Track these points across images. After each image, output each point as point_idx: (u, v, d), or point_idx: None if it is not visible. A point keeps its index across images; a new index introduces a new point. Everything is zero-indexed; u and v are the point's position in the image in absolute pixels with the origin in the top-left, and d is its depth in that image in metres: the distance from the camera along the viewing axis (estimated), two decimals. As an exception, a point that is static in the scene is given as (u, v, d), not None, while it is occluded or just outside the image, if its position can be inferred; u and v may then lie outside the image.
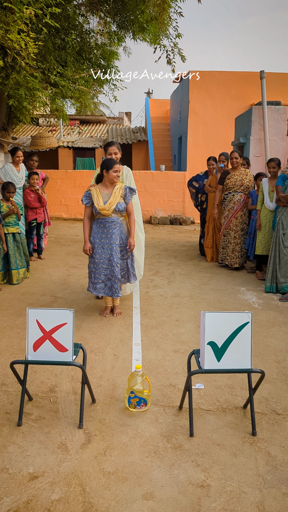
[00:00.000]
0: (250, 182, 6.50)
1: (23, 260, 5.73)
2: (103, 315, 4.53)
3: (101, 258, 4.30)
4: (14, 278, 5.60)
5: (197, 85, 12.77)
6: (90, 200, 4.29)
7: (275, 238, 5.31)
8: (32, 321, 2.61)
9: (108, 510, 2.00)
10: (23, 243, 5.75)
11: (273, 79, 12.01)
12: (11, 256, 5.55)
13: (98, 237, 4.31)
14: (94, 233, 4.33)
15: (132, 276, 4.47)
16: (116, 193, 4.24)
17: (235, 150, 6.61)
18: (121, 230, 4.33)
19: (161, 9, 7.91)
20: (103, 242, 4.29)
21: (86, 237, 4.34)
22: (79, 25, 8.50)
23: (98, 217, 4.30)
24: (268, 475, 2.24)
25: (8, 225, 5.58)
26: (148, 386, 2.89)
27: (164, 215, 12.35)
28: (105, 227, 4.28)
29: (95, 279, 4.35)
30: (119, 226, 4.30)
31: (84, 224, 4.37)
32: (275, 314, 4.67)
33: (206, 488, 2.14)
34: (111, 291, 4.35)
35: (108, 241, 4.28)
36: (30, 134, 17.48)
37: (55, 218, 12.34)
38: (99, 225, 4.31)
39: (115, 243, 4.27)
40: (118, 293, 4.33)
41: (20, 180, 6.72)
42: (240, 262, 6.61)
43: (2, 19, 5.49)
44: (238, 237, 6.55)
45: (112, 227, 4.27)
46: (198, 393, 3.03)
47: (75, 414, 2.76)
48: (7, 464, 2.28)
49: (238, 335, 2.53)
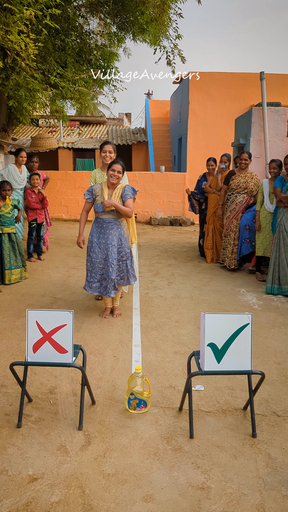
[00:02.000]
0: (255, 186, 6.45)
1: (18, 260, 5.72)
2: (103, 316, 4.53)
3: (97, 258, 4.33)
4: (6, 278, 5.60)
5: (197, 86, 12.77)
6: (91, 197, 4.35)
7: (277, 240, 5.30)
8: (32, 323, 2.60)
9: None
10: (18, 243, 5.75)
11: (273, 80, 12.02)
12: (5, 256, 5.55)
13: (96, 237, 4.35)
14: (93, 232, 4.38)
15: (132, 277, 4.47)
16: (116, 193, 4.28)
17: (245, 151, 6.57)
18: (120, 232, 4.34)
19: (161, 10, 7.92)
20: (100, 241, 4.32)
21: (81, 230, 4.47)
22: (79, 26, 8.51)
23: (97, 217, 4.35)
24: (268, 477, 2.24)
25: (3, 225, 5.57)
26: (148, 387, 2.88)
27: (164, 216, 12.35)
28: (102, 227, 4.32)
29: (91, 278, 4.39)
30: (116, 227, 4.32)
31: (81, 217, 4.49)
32: (275, 316, 4.66)
33: (206, 490, 2.13)
34: (105, 290, 4.37)
35: (104, 241, 4.31)
36: (30, 135, 17.47)
37: (55, 219, 12.33)
38: (97, 224, 4.36)
39: (111, 243, 4.28)
40: (110, 293, 4.35)
41: (22, 181, 6.72)
42: (238, 263, 6.63)
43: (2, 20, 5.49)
44: (237, 238, 6.54)
45: (109, 227, 4.30)
46: (198, 395, 3.02)
47: (75, 415, 2.75)
48: (7, 466, 2.27)
49: (238, 336, 2.52)
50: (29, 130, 18.33)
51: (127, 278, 4.45)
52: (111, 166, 4.23)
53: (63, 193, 12.46)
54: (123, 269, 4.41)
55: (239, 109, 12.43)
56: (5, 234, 5.57)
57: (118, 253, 4.35)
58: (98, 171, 4.88)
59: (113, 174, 4.21)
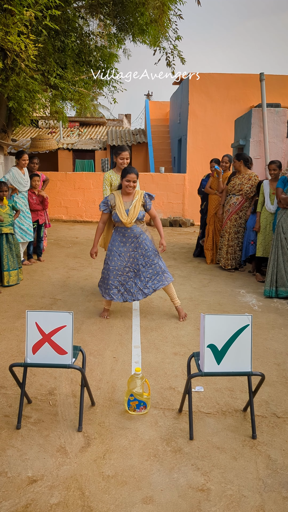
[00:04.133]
0: (251, 188, 6.40)
1: (15, 262, 5.69)
2: (103, 317, 4.53)
3: (116, 265, 4.30)
4: (5, 280, 5.58)
5: (196, 87, 12.78)
6: (107, 208, 4.30)
7: (275, 241, 5.28)
8: (31, 324, 2.60)
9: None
10: (15, 244, 5.73)
11: (273, 81, 12.03)
12: (3, 257, 5.53)
13: (116, 245, 4.31)
14: (113, 241, 4.35)
15: (169, 276, 4.39)
16: (136, 205, 4.22)
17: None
18: (143, 237, 4.30)
19: (160, 11, 7.93)
20: (121, 250, 4.29)
21: (96, 241, 4.42)
22: (79, 27, 8.52)
23: (117, 225, 4.32)
24: (269, 478, 2.23)
25: (1, 226, 5.55)
26: (148, 389, 2.87)
27: (163, 217, 12.35)
28: (124, 236, 4.28)
29: (107, 285, 4.35)
30: (139, 234, 4.28)
31: (97, 229, 4.44)
32: (275, 317, 4.66)
33: (206, 492, 2.13)
34: (131, 295, 4.34)
35: (126, 249, 4.28)
36: (30, 136, 17.49)
37: (54, 220, 12.33)
38: (118, 233, 4.32)
39: (137, 250, 4.27)
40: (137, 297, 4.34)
41: (27, 183, 6.71)
42: (232, 264, 6.63)
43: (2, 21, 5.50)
44: (231, 239, 6.56)
45: (131, 236, 4.27)
46: (198, 396, 3.02)
47: (74, 417, 2.74)
48: (6, 468, 2.27)
49: (238, 337, 2.52)
50: (28, 131, 18.33)
51: (163, 279, 4.34)
52: (125, 175, 4.15)
53: (63, 194, 12.47)
54: (158, 271, 4.33)
55: (239, 110, 12.44)
56: (3, 235, 5.55)
57: (145, 257, 4.29)
58: (112, 173, 4.83)
59: (129, 185, 4.16)
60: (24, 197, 6.71)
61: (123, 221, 4.17)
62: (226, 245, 6.59)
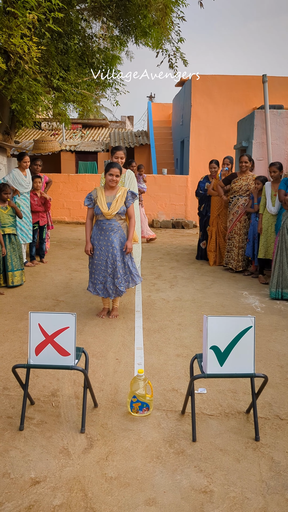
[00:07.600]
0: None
1: (18, 262, 5.72)
2: (100, 316, 4.57)
3: (99, 260, 4.36)
4: (10, 280, 5.60)
5: (199, 89, 12.79)
6: (91, 202, 4.38)
7: (280, 243, 5.26)
8: (34, 325, 2.60)
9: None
10: (18, 245, 5.75)
11: (276, 83, 12.03)
12: (8, 257, 5.56)
13: (97, 239, 4.37)
14: (94, 235, 4.40)
15: (137, 277, 4.47)
16: (119, 199, 4.29)
17: (245, 154, 6.62)
18: (121, 233, 4.36)
19: (163, 13, 7.95)
20: (101, 244, 4.34)
21: (88, 238, 4.44)
22: (81, 29, 8.55)
23: (97, 219, 4.38)
24: (272, 480, 2.22)
25: (4, 226, 5.57)
26: (151, 390, 2.87)
27: (166, 218, 12.36)
28: (103, 229, 4.33)
29: (94, 279, 4.42)
30: (117, 229, 4.33)
31: (86, 225, 4.47)
32: (278, 318, 4.65)
33: (209, 494, 2.12)
34: (107, 292, 4.39)
35: (105, 243, 4.32)
36: (33, 138, 17.54)
37: (57, 222, 12.35)
38: (98, 227, 4.38)
39: (111, 245, 4.29)
40: (111, 295, 4.39)
41: (28, 185, 6.73)
42: (243, 266, 6.65)
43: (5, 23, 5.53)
44: (242, 240, 6.57)
45: (109, 229, 4.31)
46: (201, 398, 3.01)
47: (77, 418, 2.74)
48: (9, 469, 2.27)
49: (241, 339, 2.51)
50: (31, 133, 18.39)
51: (131, 279, 4.45)
52: (108, 169, 4.25)
53: (66, 196, 12.49)
54: (126, 270, 4.42)
55: (241, 112, 12.44)
56: (6, 235, 5.58)
57: (118, 252, 4.35)
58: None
59: (112, 179, 4.26)
60: (26, 199, 6.73)
61: (103, 212, 4.23)
62: (237, 247, 6.58)
